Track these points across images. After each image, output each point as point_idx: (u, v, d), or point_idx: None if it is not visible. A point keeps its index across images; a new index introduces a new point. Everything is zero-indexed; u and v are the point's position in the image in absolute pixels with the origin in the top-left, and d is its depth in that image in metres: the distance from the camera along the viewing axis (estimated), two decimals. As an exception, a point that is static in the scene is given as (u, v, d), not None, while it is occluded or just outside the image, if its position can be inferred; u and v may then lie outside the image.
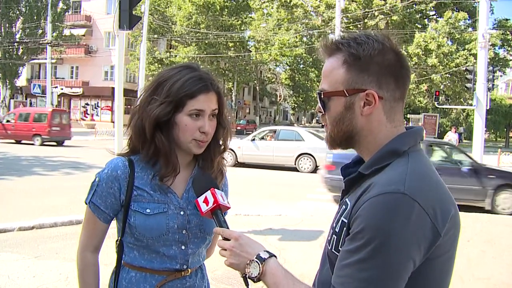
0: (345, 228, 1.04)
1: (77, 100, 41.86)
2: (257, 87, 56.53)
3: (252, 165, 15.78)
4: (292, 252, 5.61)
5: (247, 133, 29.87)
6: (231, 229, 1.26)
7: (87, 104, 41.95)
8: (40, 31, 33.53)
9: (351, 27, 30.95)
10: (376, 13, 30.20)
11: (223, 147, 1.60)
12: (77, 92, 40.67)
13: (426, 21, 34.75)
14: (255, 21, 43.64)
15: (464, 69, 23.26)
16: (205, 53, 39.97)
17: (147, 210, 1.44)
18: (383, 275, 0.93)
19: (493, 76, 19.30)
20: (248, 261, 1.14)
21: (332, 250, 1.08)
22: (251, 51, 45.82)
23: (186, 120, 1.44)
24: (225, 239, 1.21)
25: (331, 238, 1.10)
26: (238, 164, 15.69)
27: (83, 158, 16.08)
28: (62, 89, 34.14)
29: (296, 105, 69.89)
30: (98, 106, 41.69)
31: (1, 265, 4.85)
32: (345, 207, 1.08)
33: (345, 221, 1.05)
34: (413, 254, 0.95)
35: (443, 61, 28.51)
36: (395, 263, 0.94)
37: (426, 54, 28.57)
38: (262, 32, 41.71)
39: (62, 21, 34.21)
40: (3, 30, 32.89)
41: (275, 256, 1.15)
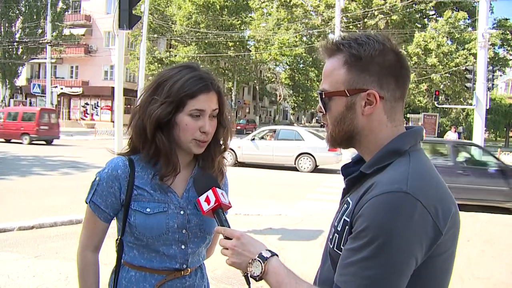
0: (347, 227, 1.05)
1: (77, 100, 41.84)
2: (257, 87, 56.51)
3: (252, 165, 15.78)
4: (292, 252, 5.61)
5: (247, 132, 29.87)
6: (232, 228, 1.26)
7: (86, 103, 41.93)
8: (40, 30, 33.55)
9: (351, 26, 30.97)
10: (376, 13, 30.22)
11: (223, 147, 1.59)
12: (77, 92, 40.67)
13: (426, 20, 34.79)
14: (255, 20, 43.62)
15: (464, 68, 23.27)
16: (205, 52, 39.97)
17: (147, 210, 1.44)
18: (386, 274, 0.94)
19: (493, 76, 19.33)
20: (250, 260, 1.14)
21: (334, 248, 1.09)
22: (251, 51, 45.79)
23: (186, 120, 1.44)
24: (226, 238, 1.21)
25: (332, 237, 1.11)
26: (238, 164, 15.66)
27: (83, 157, 16.07)
28: (62, 88, 34.13)
29: (296, 105, 69.87)
30: (98, 106, 41.68)
31: (1, 265, 4.85)
32: (347, 206, 1.09)
33: (347, 220, 1.05)
34: (415, 252, 0.95)
35: (443, 60, 28.53)
36: (398, 261, 0.94)
37: (425, 54, 28.59)
38: (262, 31, 41.68)
39: (61, 21, 34.20)
40: (2, 29, 32.89)
41: (277, 255, 1.15)
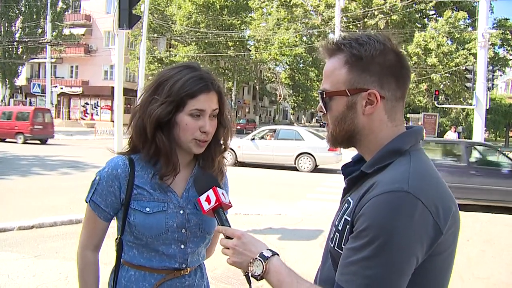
0: (348, 226, 1.05)
1: (76, 100, 41.83)
2: (257, 87, 56.49)
3: (252, 165, 15.78)
4: (292, 251, 5.61)
5: (247, 132, 29.87)
6: (233, 227, 1.26)
7: (86, 103, 41.92)
8: (40, 30, 33.53)
9: (351, 26, 30.96)
10: (376, 13, 30.22)
11: (223, 147, 1.60)
12: (77, 92, 40.65)
13: (426, 20, 34.79)
14: (255, 20, 43.61)
15: (463, 68, 23.27)
16: (205, 52, 39.97)
17: (147, 209, 1.45)
18: (387, 273, 0.95)
19: (493, 76, 19.35)
20: (251, 260, 1.14)
21: (335, 247, 1.09)
22: (250, 51, 45.78)
23: (187, 120, 1.44)
24: (227, 237, 1.21)
25: (333, 236, 1.11)
26: (238, 164, 15.68)
27: (83, 157, 16.07)
28: (61, 88, 34.15)
29: (296, 105, 69.81)
30: (97, 106, 41.67)
31: (1, 264, 4.85)
32: (347, 206, 1.09)
33: (348, 219, 1.06)
34: (416, 251, 0.96)
35: (442, 60, 28.52)
36: (399, 261, 0.95)
37: (425, 54, 28.58)
38: (262, 31, 41.66)
39: (61, 21, 34.17)
40: (2, 29, 32.87)
41: (278, 254, 1.15)
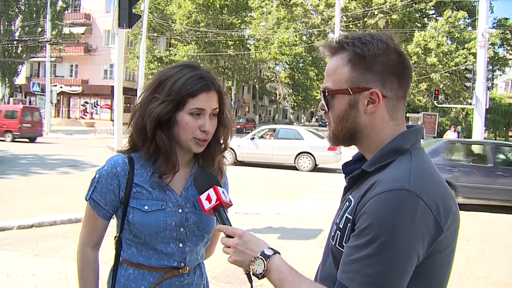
0: (349, 224, 1.06)
1: (76, 99, 41.78)
2: (256, 86, 56.48)
3: (252, 164, 15.79)
4: (291, 251, 5.61)
5: (247, 131, 29.86)
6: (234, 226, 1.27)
7: (86, 102, 41.88)
8: (40, 29, 33.50)
9: (351, 26, 30.94)
10: (376, 12, 30.20)
11: (223, 146, 1.60)
12: (77, 91, 40.62)
13: (425, 20, 34.77)
14: (254, 19, 43.59)
15: (463, 68, 23.26)
16: (204, 51, 39.96)
17: (145, 207, 1.45)
18: (389, 271, 0.96)
19: (493, 75, 19.33)
20: (252, 258, 1.14)
21: (336, 245, 1.10)
22: (250, 50, 45.77)
23: (187, 119, 1.44)
24: (228, 236, 1.22)
25: (334, 234, 1.12)
26: (238, 163, 15.69)
27: (82, 156, 16.08)
28: (61, 87, 34.09)
29: (295, 104, 69.81)
30: (97, 105, 41.62)
31: (1, 263, 4.85)
32: (348, 204, 1.10)
33: (350, 217, 1.06)
34: (417, 249, 0.97)
35: (442, 60, 28.52)
36: (401, 259, 0.96)
37: (425, 53, 28.57)
38: (261, 30, 41.65)
39: (61, 19, 34.13)
40: (2, 28, 32.84)
41: (279, 253, 1.16)
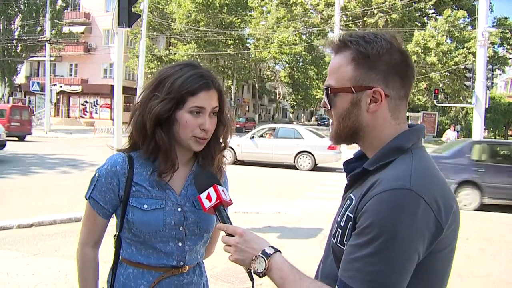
0: (350, 223, 1.06)
1: (76, 98, 41.73)
2: (256, 85, 56.46)
3: (251, 163, 15.79)
4: (291, 250, 5.61)
5: (246, 131, 29.84)
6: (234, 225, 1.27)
7: (86, 101, 41.83)
8: (39, 28, 33.46)
9: (351, 25, 30.93)
10: (376, 11, 30.20)
11: (223, 145, 1.60)
12: (76, 90, 40.57)
13: (425, 19, 34.77)
14: (254, 19, 43.57)
15: (463, 67, 23.24)
16: (204, 50, 39.95)
17: (145, 206, 1.45)
18: (390, 269, 0.96)
19: (492, 75, 19.31)
20: (253, 257, 1.15)
21: (337, 243, 1.10)
22: (250, 49, 45.76)
23: (186, 117, 1.45)
24: (229, 235, 1.22)
25: (335, 232, 1.12)
26: (237, 162, 15.69)
27: (82, 155, 16.07)
28: (61, 86, 34.05)
29: (295, 103, 69.84)
30: (97, 104, 41.58)
31: (0, 263, 4.85)
32: (350, 202, 1.10)
33: (351, 215, 1.06)
34: (418, 248, 0.97)
35: (442, 59, 28.52)
36: (402, 258, 0.96)
37: (425, 53, 28.57)
38: (261, 30, 41.63)
39: (61, 19, 34.09)
40: (1, 27, 32.81)
41: (280, 251, 1.16)
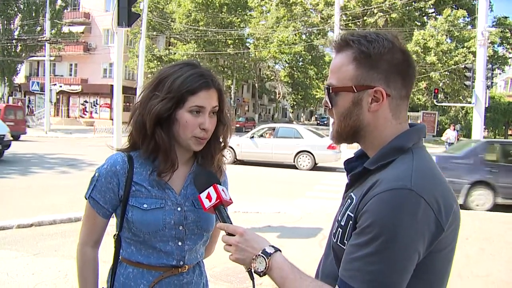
0: (351, 222, 1.06)
1: (76, 98, 41.71)
2: (256, 85, 56.47)
3: (251, 163, 15.79)
4: (291, 249, 5.60)
5: (246, 130, 29.82)
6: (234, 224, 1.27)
7: (86, 101, 41.80)
8: (39, 28, 33.44)
9: (350, 24, 30.93)
10: (375, 11, 30.20)
11: (223, 144, 1.60)
12: (76, 90, 40.56)
13: (425, 18, 34.78)
14: (254, 18, 43.56)
15: (463, 67, 23.25)
16: (204, 50, 39.94)
17: (144, 205, 1.45)
18: (390, 269, 0.96)
19: (492, 74, 19.35)
20: (254, 256, 1.15)
21: (337, 243, 1.10)
22: (250, 49, 45.75)
23: (186, 117, 1.45)
24: (229, 234, 1.22)
25: (336, 231, 1.12)
26: (237, 162, 15.69)
27: (82, 155, 16.07)
28: (61, 86, 34.04)
29: (295, 103, 69.85)
30: (97, 104, 41.55)
31: (0, 262, 4.85)
32: (350, 201, 1.10)
33: (351, 215, 1.07)
34: (418, 248, 0.98)
35: (442, 59, 28.53)
36: (402, 257, 0.97)
37: (425, 52, 28.58)
38: (261, 29, 41.62)
39: (60, 18, 34.08)
40: (1, 27, 32.79)
41: (280, 251, 1.16)
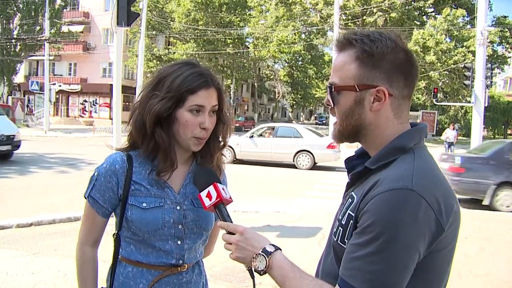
0: (351, 221, 1.06)
1: (75, 97, 41.68)
2: (255, 84, 56.45)
3: (251, 162, 15.79)
4: (290, 249, 5.60)
5: (246, 130, 29.81)
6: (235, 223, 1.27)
7: (85, 101, 41.78)
8: (38, 27, 33.39)
9: (350, 24, 30.94)
10: (375, 10, 30.19)
11: (222, 143, 1.60)
12: (75, 89, 40.53)
13: (424, 18, 34.79)
14: (253, 18, 43.54)
15: (462, 66, 23.27)
16: (203, 50, 39.91)
17: (144, 204, 1.46)
18: (390, 269, 0.97)
19: (491, 73, 19.36)
20: (254, 255, 1.15)
21: (338, 241, 1.11)
22: (249, 48, 45.74)
23: (186, 116, 1.45)
24: (229, 233, 1.22)
25: (336, 230, 1.13)
26: (237, 161, 15.69)
27: (82, 154, 16.06)
28: (60, 86, 34.05)
29: (294, 102, 69.87)
30: (96, 103, 41.53)
31: (0, 262, 4.85)
32: (351, 201, 1.11)
33: (352, 214, 1.07)
34: (419, 247, 0.98)
35: (441, 58, 28.54)
36: (402, 257, 0.97)
37: (424, 51, 28.58)
38: (260, 29, 41.61)
39: (60, 18, 34.02)
40: (0, 26, 32.76)
41: (280, 249, 1.16)
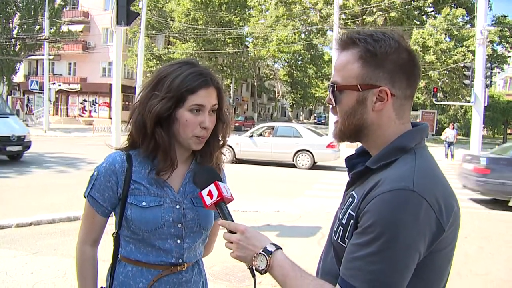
0: (352, 221, 1.06)
1: (75, 97, 41.68)
2: (255, 84, 56.44)
3: (250, 162, 15.80)
4: (290, 248, 5.60)
5: (245, 129, 29.84)
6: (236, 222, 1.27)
7: (85, 100, 41.78)
8: (38, 27, 33.35)
9: (349, 23, 30.93)
10: (374, 10, 30.19)
11: (222, 142, 1.61)
12: (75, 89, 40.53)
13: (424, 17, 34.78)
14: (253, 17, 43.53)
15: (462, 65, 23.27)
16: (203, 49, 39.88)
17: (143, 203, 1.46)
18: (391, 269, 0.97)
19: (491, 73, 19.38)
20: (255, 254, 1.15)
21: (338, 241, 1.11)
22: (249, 48, 45.73)
23: (187, 116, 1.45)
24: (230, 232, 1.22)
25: (337, 229, 1.13)
26: (236, 161, 15.69)
27: (81, 154, 16.06)
28: (59, 85, 34.02)
29: (294, 102, 69.88)
30: (96, 103, 41.53)
31: (-1, 262, 4.86)
32: (352, 200, 1.11)
33: (353, 214, 1.07)
34: (419, 248, 0.98)
35: (441, 57, 28.53)
36: (403, 257, 0.97)
37: (424, 51, 28.57)
38: (260, 28, 41.60)
39: (59, 17, 33.98)
40: (0, 26, 32.73)
41: (281, 249, 1.16)
